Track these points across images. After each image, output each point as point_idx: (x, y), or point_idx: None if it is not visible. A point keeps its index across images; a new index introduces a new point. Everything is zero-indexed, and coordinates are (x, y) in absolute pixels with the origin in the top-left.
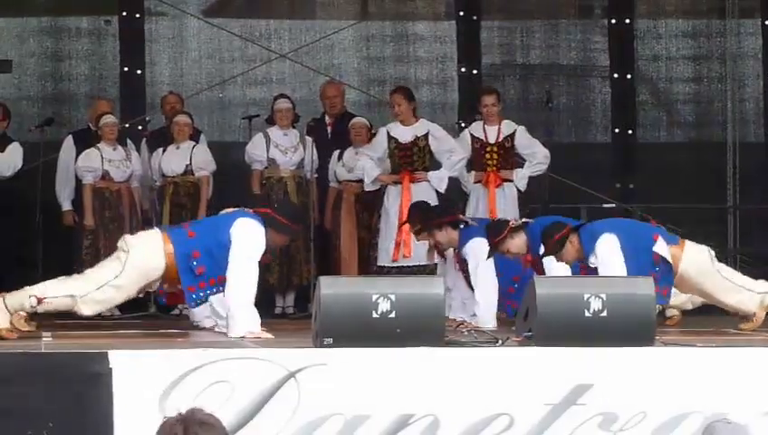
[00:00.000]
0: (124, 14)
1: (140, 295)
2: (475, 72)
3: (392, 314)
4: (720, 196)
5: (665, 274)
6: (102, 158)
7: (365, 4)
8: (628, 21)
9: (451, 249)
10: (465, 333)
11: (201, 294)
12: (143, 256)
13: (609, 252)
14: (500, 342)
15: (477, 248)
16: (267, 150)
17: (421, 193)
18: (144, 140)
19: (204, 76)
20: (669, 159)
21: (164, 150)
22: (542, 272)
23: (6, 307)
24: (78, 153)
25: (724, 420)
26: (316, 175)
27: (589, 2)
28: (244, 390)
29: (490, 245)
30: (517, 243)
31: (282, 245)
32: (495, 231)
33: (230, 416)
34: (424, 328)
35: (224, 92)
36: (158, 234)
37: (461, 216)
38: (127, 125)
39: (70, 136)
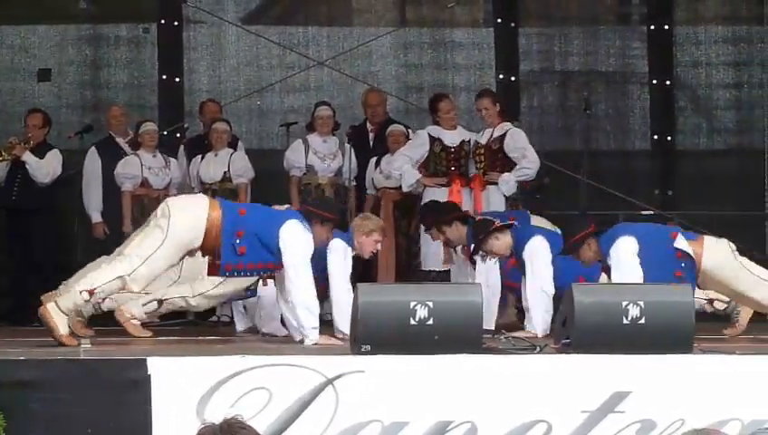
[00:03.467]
0: (163, 22)
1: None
2: (513, 78)
3: (430, 321)
4: (759, 203)
5: (689, 270)
6: (142, 165)
7: (403, 11)
8: (666, 27)
9: (460, 246)
10: (503, 340)
11: (235, 272)
12: (185, 221)
13: (624, 253)
14: (538, 349)
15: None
16: (306, 157)
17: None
18: (182, 147)
19: (242, 84)
20: (708, 166)
21: (202, 158)
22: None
23: (62, 311)
24: (102, 163)
25: (766, 429)
26: (354, 182)
27: (627, 8)
28: (282, 397)
29: (474, 243)
30: (501, 244)
31: (327, 238)
32: (479, 230)
33: (268, 423)
34: (461, 335)
35: (262, 100)
36: (204, 199)
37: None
38: (165, 132)
39: (93, 147)
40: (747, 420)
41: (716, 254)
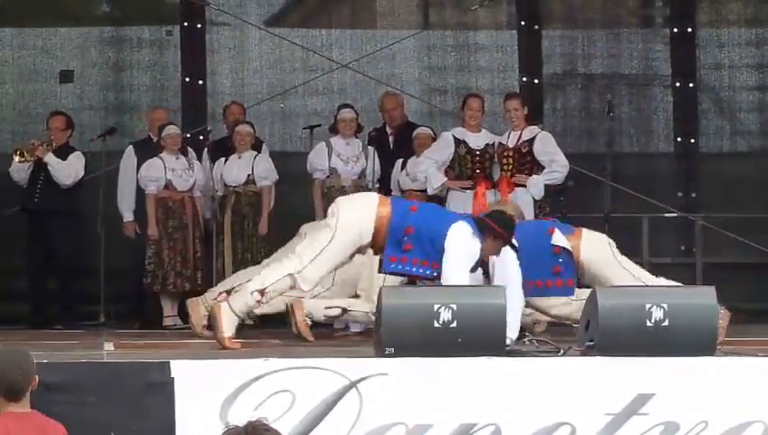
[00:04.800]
0: (186, 24)
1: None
2: (536, 81)
3: (454, 324)
4: None
5: (568, 264)
6: (165, 167)
7: (426, 13)
8: (689, 29)
9: None
10: (527, 342)
11: (399, 266)
12: (352, 219)
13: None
14: (562, 352)
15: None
16: (329, 160)
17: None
18: (206, 149)
19: (265, 86)
20: (732, 169)
21: (226, 160)
22: None
23: (235, 312)
24: (139, 163)
25: None
26: (378, 185)
27: (650, 11)
28: (305, 399)
29: None
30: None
31: (495, 252)
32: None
33: (291, 426)
34: (485, 338)
35: (285, 102)
36: (373, 196)
37: None
38: (188, 135)
39: (130, 146)
40: None
41: (594, 248)
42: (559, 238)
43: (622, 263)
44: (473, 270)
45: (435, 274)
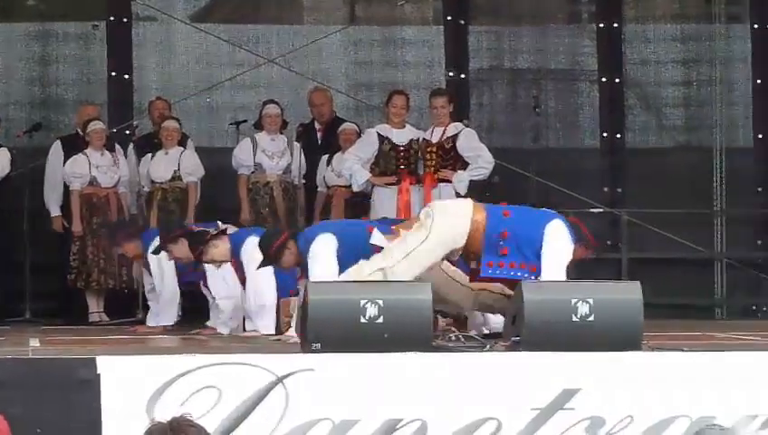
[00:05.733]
0: (112, 18)
1: None
2: (462, 76)
3: (380, 319)
4: (708, 201)
5: None
6: (90, 163)
7: (353, 9)
8: (616, 25)
9: None
10: (453, 338)
11: (498, 271)
12: (448, 222)
13: (321, 249)
14: (487, 346)
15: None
16: (254, 155)
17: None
18: (132, 145)
19: (192, 81)
20: (658, 164)
21: (152, 156)
22: None
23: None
24: (66, 159)
25: (714, 425)
26: (303, 180)
27: (577, 6)
28: (231, 395)
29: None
30: (220, 251)
31: (580, 258)
32: (196, 241)
33: (218, 422)
34: (412, 333)
35: (212, 97)
36: (468, 202)
37: None
38: (114, 130)
39: (58, 141)
40: (695, 416)
41: None
42: (377, 238)
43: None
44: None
45: (533, 276)
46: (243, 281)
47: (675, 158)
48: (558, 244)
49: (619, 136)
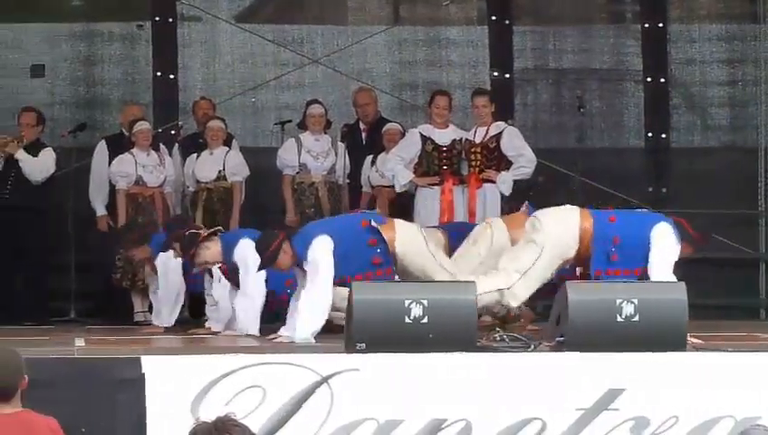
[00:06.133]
0: (157, 18)
1: None
2: (507, 76)
3: (424, 320)
4: (752, 200)
5: (385, 255)
6: (136, 163)
7: (397, 9)
8: (660, 25)
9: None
10: (498, 337)
11: (608, 279)
12: (559, 233)
13: (320, 254)
14: (532, 347)
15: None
16: (299, 156)
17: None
18: (177, 145)
19: (236, 81)
20: (702, 164)
21: (197, 156)
22: None
23: None
24: (111, 158)
25: (759, 425)
26: (348, 180)
27: (621, 6)
28: (276, 395)
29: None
30: (212, 253)
31: (687, 255)
32: (188, 243)
33: (262, 421)
34: (456, 333)
35: (256, 97)
36: (575, 209)
37: None
38: (160, 130)
39: (103, 141)
40: (740, 416)
41: (407, 238)
42: (372, 230)
43: (434, 254)
44: None
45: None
46: (231, 281)
47: (719, 158)
48: (666, 246)
49: (663, 136)
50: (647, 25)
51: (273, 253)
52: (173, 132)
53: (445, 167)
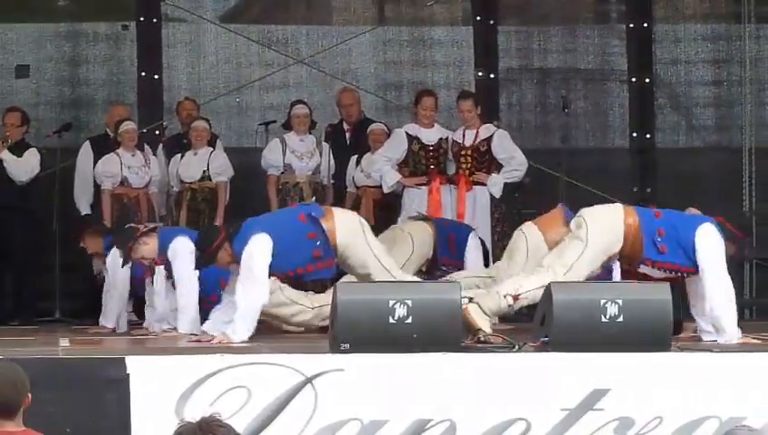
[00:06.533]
0: (142, 19)
1: None
2: (492, 76)
3: (409, 320)
4: (738, 200)
5: (326, 247)
6: (121, 163)
7: (381, 9)
8: (645, 25)
9: None
10: (482, 338)
11: (655, 269)
12: (603, 229)
13: (255, 254)
14: (516, 347)
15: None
16: (283, 156)
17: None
18: (161, 145)
19: (221, 81)
20: (688, 164)
21: (182, 156)
22: None
23: (485, 312)
24: (95, 159)
25: (743, 426)
26: (332, 181)
27: (606, 6)
28: (261, 395)
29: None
30: (149, 248)
31: (731, 254)
32: (124, 238)
33: (247, 421)
34: (440, 333)
35: (241, 98)
36: (618, 206)
37: None
38: (144, 130)
39: (87, 141)
40: (725, 417)
41: (347, 228)
42: (310, 222)
43: (372, 247)
44: None
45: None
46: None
47: (705, 158)
48: (713, 245)
49: (648, 136)
50: (632, 25)
51: (213, 251)
52: (157, 133)
53: (432, 166)
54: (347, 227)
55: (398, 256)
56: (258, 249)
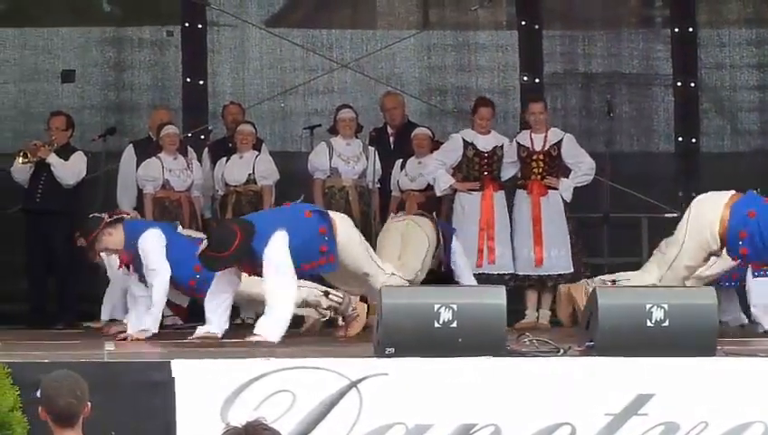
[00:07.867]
0: (187, 24)
1: None
2: (536, 80)
3: (454, 324)
4: None
5: (331, 242)
6: (163, 167)
7: (426, 13)
8: (690, 29)
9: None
10: (527, 342)
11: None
12: (702, 224)
13: (283, 250)
14: (562, 351)
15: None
16: (330, 160)
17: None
18: (206, 149)
19: (265, 86)
20: (732, 168)
21: (227, 160)
22: None
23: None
24: (138, 162)
25: None
26: (378, 185)
27: (650, 11)
28: (305, 399)
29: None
30: (114, 239)
31: None
32: (90, 228)
33: (291, 426)
34: (485, 338)
35: (285, 102)
36: (723, 197)
37: None
38: (189, 135)
39: (130, 145)
40: None
41: (344, 227)
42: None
43: (364, 244)
44: None
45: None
46: (132, 271)
47: (749, 162)
48: None
49: (693, 140)
50: (676, 30)
51: (232, 253)
52: (202, 137)
53: (485, 172)
54: (344, 224)
55: (419, 249)
56: (284, 246)
